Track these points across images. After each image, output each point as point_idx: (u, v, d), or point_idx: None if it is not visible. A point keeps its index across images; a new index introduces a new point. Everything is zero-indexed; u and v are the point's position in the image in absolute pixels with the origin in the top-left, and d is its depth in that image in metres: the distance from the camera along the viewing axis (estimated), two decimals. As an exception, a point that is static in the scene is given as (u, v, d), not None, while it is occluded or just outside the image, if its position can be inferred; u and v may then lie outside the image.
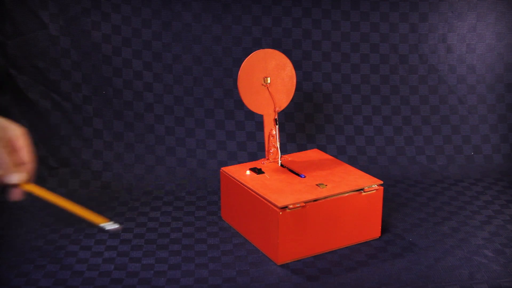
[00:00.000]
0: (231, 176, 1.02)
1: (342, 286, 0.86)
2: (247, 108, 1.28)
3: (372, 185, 0.97)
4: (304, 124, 1.29)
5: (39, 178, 1.18)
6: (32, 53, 1.21)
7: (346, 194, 0.95)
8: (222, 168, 1.05)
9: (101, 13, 1.23)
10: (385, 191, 1.19)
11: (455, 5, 1.31)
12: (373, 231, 0.99)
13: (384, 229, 1.02)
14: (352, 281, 0.87)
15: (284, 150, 1.24)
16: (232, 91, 1.28)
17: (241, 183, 0.99)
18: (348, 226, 0.96)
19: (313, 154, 1.12)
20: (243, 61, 1.02)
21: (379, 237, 1.00)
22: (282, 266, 0.91)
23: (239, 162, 1.24)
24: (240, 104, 1.27)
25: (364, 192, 0.96)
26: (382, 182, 0.98)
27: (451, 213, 1.09)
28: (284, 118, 1.29)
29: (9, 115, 1.20)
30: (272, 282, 0.87)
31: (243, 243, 0.98)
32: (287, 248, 0.91)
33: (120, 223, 1.00)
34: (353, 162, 1.27)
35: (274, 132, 1.06)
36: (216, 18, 1.27)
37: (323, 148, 1.28)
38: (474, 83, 1.32)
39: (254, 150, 1.27)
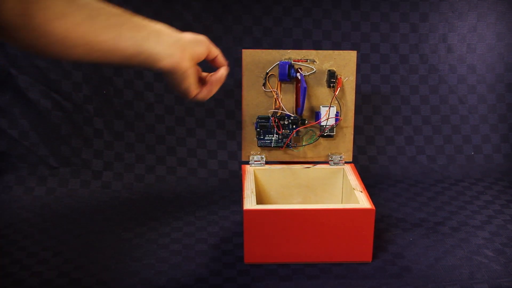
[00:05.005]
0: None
1: (343, 285, 0.87)
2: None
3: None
4: (305, 124, 1.29)
5: (39, 178, 1.19)
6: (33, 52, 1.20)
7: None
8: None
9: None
10: (385, 190, 1.19)
11: (456, 5, 1.31)
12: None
13: (384, 229, 1.02)
14: (352, 281, 0.88)
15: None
16: (232, 91, 1.28)
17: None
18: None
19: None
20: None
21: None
22: (282, 265, 0.91)
23: (239, 162, 1.24)
24: (240, 103, 1.27)
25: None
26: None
27: (452, 212, 1.09)
28: (285, 118, 1.29)
29: (9, 115, 1.20)
30: (273, 282, 0.87)
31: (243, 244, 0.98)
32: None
33: None
34: (353, 161, 1.27)
35: None
36: (216, 18, 1.28)
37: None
38: (474, 83, 1.32)
39: (255, 150, 1.27)
